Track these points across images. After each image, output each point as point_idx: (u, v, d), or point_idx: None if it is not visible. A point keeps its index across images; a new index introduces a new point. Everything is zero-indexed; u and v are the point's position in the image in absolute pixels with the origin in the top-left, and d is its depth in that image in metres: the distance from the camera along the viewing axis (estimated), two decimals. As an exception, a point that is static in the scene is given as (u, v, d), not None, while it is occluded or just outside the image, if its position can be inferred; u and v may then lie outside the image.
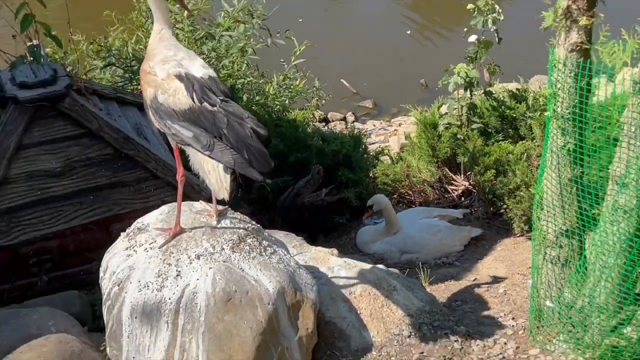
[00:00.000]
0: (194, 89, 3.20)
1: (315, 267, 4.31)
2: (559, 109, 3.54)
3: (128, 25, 7.82)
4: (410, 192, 7.56)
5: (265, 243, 3.76)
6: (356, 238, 6.61)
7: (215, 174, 3.36)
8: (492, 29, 6.86)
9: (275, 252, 3.75)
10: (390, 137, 10.01)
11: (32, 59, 4.71)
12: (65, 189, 4.76)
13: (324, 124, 10.42)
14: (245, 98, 7.34)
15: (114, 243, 3.81)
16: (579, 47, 3.43)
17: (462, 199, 7.33)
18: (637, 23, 3.24)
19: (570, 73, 3.44)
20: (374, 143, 9.22)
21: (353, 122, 10.68)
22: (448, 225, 6.48)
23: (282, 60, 8.41)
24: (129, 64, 7.31)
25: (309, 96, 9.01)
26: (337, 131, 8.88)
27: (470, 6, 6.89)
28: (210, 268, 3.48)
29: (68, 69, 7.16)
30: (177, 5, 7.15)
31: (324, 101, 9.67)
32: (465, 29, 7.08)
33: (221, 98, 3.20)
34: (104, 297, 3.62)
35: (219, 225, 3.72)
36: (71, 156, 4.75)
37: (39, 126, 4.68)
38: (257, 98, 7.75)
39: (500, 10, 6.91)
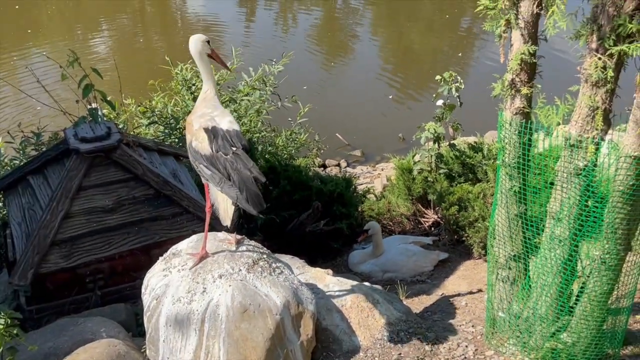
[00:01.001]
0: (215, 140, 3.28)
1: (314, 284, 4.28)
2: (506, 159, 3.55)
3: (168, 91, 7.87)
4: (391, 223, 7.54)
5: (274, 265, 3.74)
6: (348, 260, 6.58)
7: (224, 205, 3.45)
8: (455, 95, 6.93)
9: (282, 273, 3.74)
10: (375, 179, 10.00)
11: (91, 119, 4.76)
12: (116, 222, 4.73)
13: (322, 168, 10.41)
14: (260, 148, 7.36)
15: (154, 265, 3.79)
16: (521, 111, 3.46)
17: (432, 228, 7.31)
18: (567, 92, 3.28)
19: (515, 131, 3.46)
20: (362, 184, 9.20)
21: (345, 167, 10.69)
22: (421, 249, 6.46)
23: (289, 119, 8.45)
24: (168, 122, 7.34)
25: (310, 147, 9.05)
26: (332, 174, 8.90)
27: (438, 77, 6.97)
28: (230, 285, 3.47)
29: (120, 126, 7.20)
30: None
31: (322, 150, 9.72)
32: (434, 95, 7.14)
33: (234, 149, 3.26)
34: (145, 308, 3.60)
35: (237, 251, 3.71)
36: (121, 195, 4.73)
37: (96, 172, 4.67)
38: (270, 148, 7.77)
39: (461, 80, 6.99)
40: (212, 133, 3.30)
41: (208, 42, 3.63)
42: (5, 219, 5.28)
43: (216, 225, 4.01)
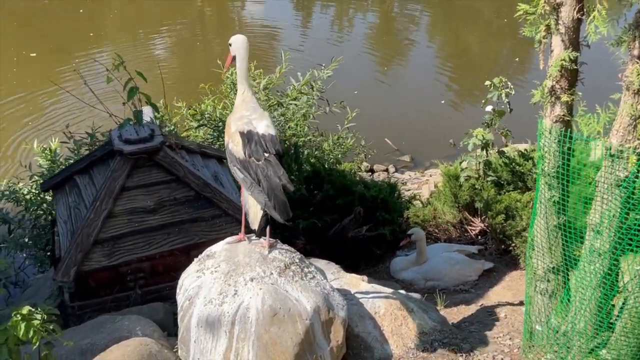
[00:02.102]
0: (249, 144, 3.32)
1: (348, 291, 4.26)
2: (546, 168, 3.46)
3: (217, 95, 7.98)
4: (437, 231, 7.43)
5: (306, 270, 3.74)
6: (390, 266, 6.52)
7: (254, 209, 3.49)
8: (505, 101, 6.79)
9: (314, 278, 3.73)
10: (423, 185, 9.90)
11: (135, 121, 4.87)
12: (157, 222, 4.83)
13: (370, 173, 10.36)
14: (306, 153, 7.39)
15: (189, 266, 3.85)
16: (561, 119, 3.36)
17: (479, 237, 7.16)
18: (609, 100, 3.17)
19: (554, 139, 3.36)
20: (409, 190, 9.10)
21: (394, 172, 10.59)
22: (465, 258, 6.34)
23: (337, 124, 8.45)
24: (217, 125, 7.45)
25: (357, 151, 9.03)
26: (379, 180, 8.84)
27: (487, 82, 6.84)
28: (261, 289, 3.48)
29: (170, 128, 7.36)
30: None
31: (369, 155, 9.68)
32: (483, 101, 7.02)
33: (266, 155, 3.27)
34: (178, 309, 3.65)
35: (269, 255, 3.72)
36: (162, 197, 4.82)
37: (139, 173, 4.77)
38: (316, 152, 7.78)
39: (511, 86, 6.85)
40: (247, 137, 3.34)
41: None
42: (53, 217, 5.46)
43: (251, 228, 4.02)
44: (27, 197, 7.16)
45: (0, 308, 4.86)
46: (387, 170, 10.62)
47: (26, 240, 7.14)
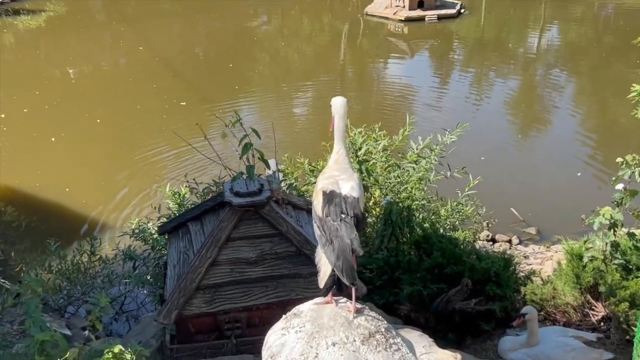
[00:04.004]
0: (328, 204, 3.37)
1: (436, 367, 4.08)
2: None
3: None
4: (555, 312, 6.96)
5: (391, 340, 3.63)
6: (498, 345, 6.17)
7: (324, 268, 3.50)
8: (638, 180, 6.34)
9: (399, 350, 3.61)
10: (546, 261, 9.36)
11: (247, 175, 5.07)
12: (257, 274, 4.91)
13: (491, 242, 9.99)
14: (420, 217, 7.28)
15: (276, 323, 3.87)
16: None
17: (601, 323, 6.62)
18: None
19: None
20: (530, 264, 8.65)
21: (517, 244, 10.13)
22: (582, 345, 5.86)
23: (458, 189, 8.28)
24: (333, 182, 7.52)
25: (477, 219, 8.76)
26: (499, 250, 8.48)
27: (619, 159, 6.44)
28: (342, 355, 3.42)
29: (291, 182, 7.57)
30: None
31: (491, 224, 9.35)
32: (614, 178, 6.60)
33: (343, 216, 3.31)
34: (262, 364, 3.68)
35: (355, 320, 3.66)
36: (264, 250, 4.92)
37: (245, 225, 4.90)
38: (432, 217, 7.65)
39: (647, 164, 6.38)
40: (329, 197, 3.40)
41: None
42: (165, 260, 5.75)
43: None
44: (154, 236, 7.63)
45: (101, 342, 5.12)
46: (510, 241, 10.18)
47: (148, 277, 7.59)
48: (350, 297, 3.82)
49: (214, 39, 24.47)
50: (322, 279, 3.54)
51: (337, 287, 3.54)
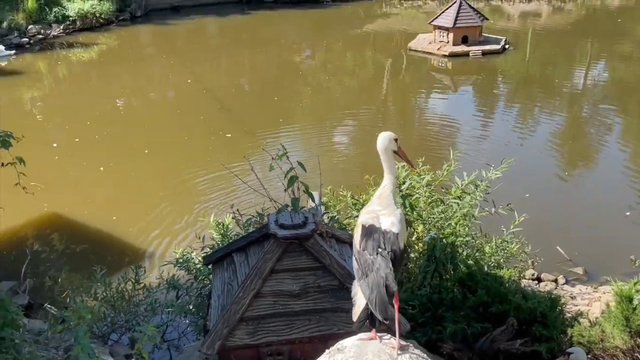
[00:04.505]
0: (366, 238, 3.41)
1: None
2: None
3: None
4: (604, 355, 6.73)
5: (435, 379, 3.60)
6: (544, 387, 6.01)
7: (359, 301, 3.59)
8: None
9: (443, 389, 3.57)
10: (594, 302, 9.10)
11: (292, 208, 5.10)
12: (300, 307, 4.91)
13: (537, 282, 9.76)
14: (465, 253, 7.19)
15: (319, 357, 3.87)
16: None
17: (653, 369, 6.39)
18: None
19: None
20: (576, 305, 8.42)
21: (563, 284, 9.87)
22: (632, 391, 5.67)
23: (502, 227, 8.15)
24: (377, 216, 7.51)
25: (522, 258, 8.59)
26: (545, 290, 8.29)
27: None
28: (384, 391, 3.40)
29: (333, 215, 7.58)
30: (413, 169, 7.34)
31: (537, 263, 9.15)
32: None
33: (380, 250, 3.33)
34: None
35: (399, 358, 3.64)
36: (308, 283, 4.92)
37: (289, 257, 4.91)
38: (477, 254, 7.53)
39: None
40: (367, 231, 3.45)
41: (396, 140, 3.83)
42: (209, 290, 5.80)
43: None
44: (198, 266, 7.70)
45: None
46: (556, 280, 9.94)
47: (190, 307, 7.65)
48: (394, 334, 3.80)
49: (259, 72, 24.88)
50: (356, 312, 3.57)
51: (370, 322, 3.55)
